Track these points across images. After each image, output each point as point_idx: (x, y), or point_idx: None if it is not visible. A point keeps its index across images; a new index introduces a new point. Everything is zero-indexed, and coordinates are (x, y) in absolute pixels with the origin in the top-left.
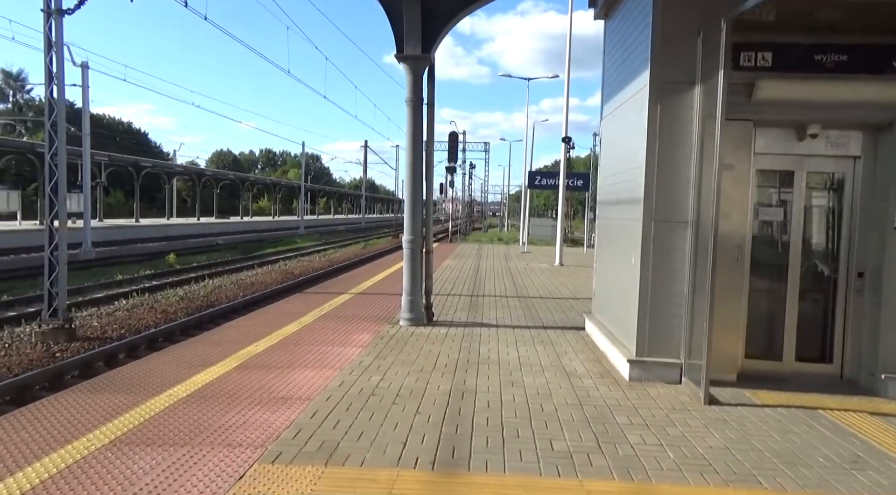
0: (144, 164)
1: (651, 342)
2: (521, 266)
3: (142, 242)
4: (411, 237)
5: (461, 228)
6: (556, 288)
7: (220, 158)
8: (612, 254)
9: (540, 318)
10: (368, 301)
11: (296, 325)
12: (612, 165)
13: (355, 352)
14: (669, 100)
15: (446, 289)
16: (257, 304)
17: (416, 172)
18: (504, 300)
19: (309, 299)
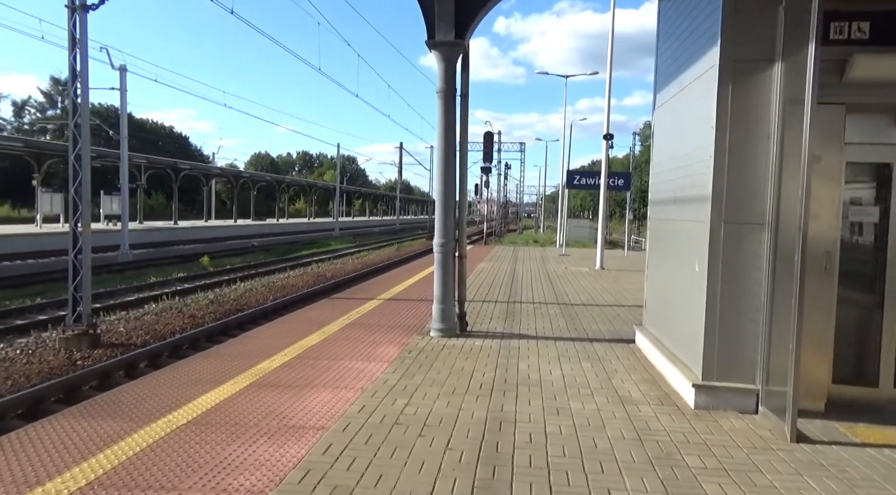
0: (183, 167)
1: (721, 364)
2: (560, 270)
3: (179, 244)
4: (443, 240)
5: (496, 230)
6: (598, 294)
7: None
8: (668, 260)
9: (584, 329)
10: (398, 308)
11: (319, 335)
12: (668, 159)
13: (380, 368)
14: (743, 81)
15: (481, 295)
16: (286, 309)
17: (449, 170)
18: (543, 307)
19: (337, 305)
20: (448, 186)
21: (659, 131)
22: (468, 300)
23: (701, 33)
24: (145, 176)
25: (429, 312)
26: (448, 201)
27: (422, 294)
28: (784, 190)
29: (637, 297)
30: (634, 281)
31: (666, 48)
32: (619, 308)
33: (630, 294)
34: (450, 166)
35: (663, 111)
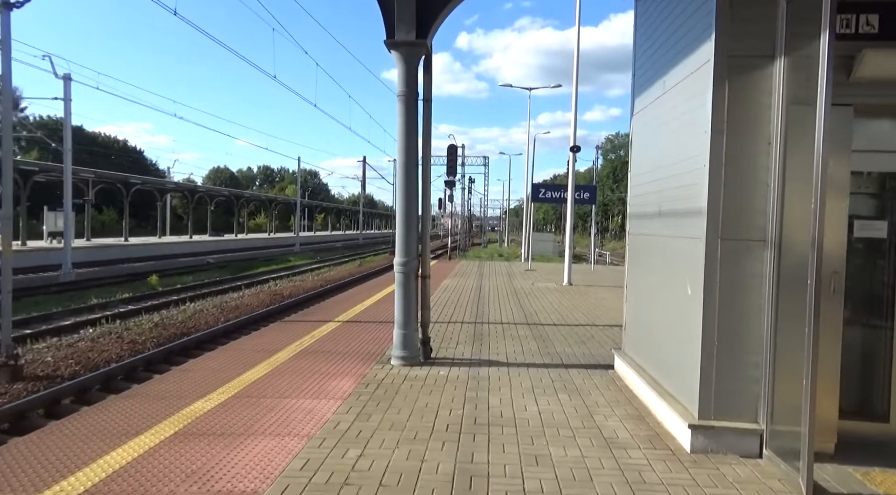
0: (134, 181)
1: (719, 400)
2: (527, 285)
3: (129, 262)
4: (405, 259)
5: (460, 244)
6: (568, 312)
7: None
8: (652, 280)
9: (557, 353)
10: (357, 331)
11: (266, 367)
12: (650, 169)
13: (332, 407)
14: (740, 79)
15: (446, 316)
16: (238, 331)
17: (410, 180)
18: (512, 328)
19: (290, 329)
20: (410, 198)
21: (639, 139)
22: (433, 321)
23: (690, 27)
24: (94, 191)
25: (390, 336)
26: (410, 214)
27: (383, 315)
28: (788, 202)
29: (609, 316)
30: (604, 297)
31: (647, 47)
32: (592, 328)
33: (601, 312)
34: (412, 176)
35: (643, 117)
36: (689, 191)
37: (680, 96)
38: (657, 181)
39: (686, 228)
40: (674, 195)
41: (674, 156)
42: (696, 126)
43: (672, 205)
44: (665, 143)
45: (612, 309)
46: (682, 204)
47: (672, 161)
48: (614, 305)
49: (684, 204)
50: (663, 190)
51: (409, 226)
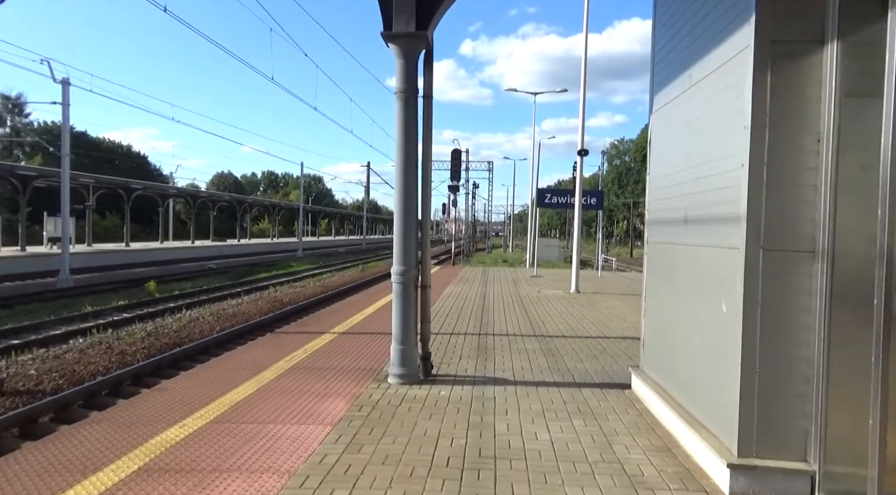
0: (135, 186)
1: (762, 435)
2: (533, 293)
3: (129, 268)
4: (403, 268)
5: (464, 249)
6: (578, 322)
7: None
8: (677, 293)
9: (568, 369)
10: (354, 344)
11: (252, 385)
12: (674, 171)
13: (320, 435)
14: (785, 67)
15: (448, 326)
16: (233, 342)
17: (409, 183)
18: (519, 340)
19: (283, 342)
20: (409, 201)
21: (659, 139)
22: (434, 332)
23: (724, 10)
24: (94, 196)
25: (388, 350)
26: (409, 219)
27: (382, 325)
28: (840, 208)
29: (621, 327)
30: (614, 306)
31: (668, 40)
32: (604, 340)
33: (612, 322)
34: (411, 178)
35: (665, 115)
36: (723, 195)
37: (711, 89)
38: (682, 184)
39: (720, 237)
40: (704, 200)
41: (704, 156)
42: (732, 121)
43: (702, 210)
44: (692, 143)
45: (624, 319)
46: (716, 209)
47: (701, 161)
48: (625, 315)
49: (718, 209)
50: (690, 194)
51: (407, 232)
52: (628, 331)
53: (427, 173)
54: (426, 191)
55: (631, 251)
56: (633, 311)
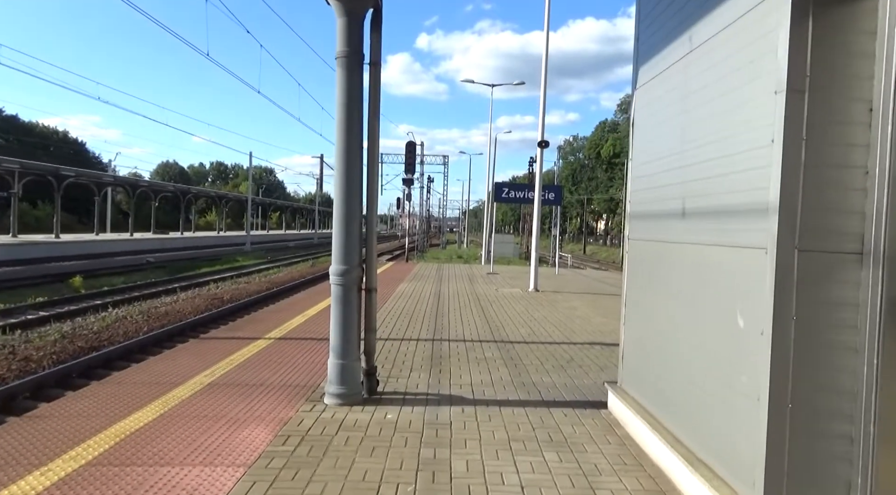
0: (66, 174)
1: (794, 485)
2: (490, 292)
3: (57, 261)
4: (343, 267)
5: (418, 245)
6: (539, 325)
7: (167, 170)
8: (671, 302)
9: (534, 383)
10: (290, 352)
11: (156, 408)
12: (665, 154)
13: (226, 484)
14: (827, 18)
15: (399, 331)
16: (159, 345)
17: (352, 167)
18: (478, 347)
19: (207, 350)
20: (351, 189)
21: (647, 117)
22: (383, 338)
23: None
24: (20, 183)
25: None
26: (351, 211)
27: (325, 330)
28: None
29: (585, 330)
30: (576, 306)
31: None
32: (570, 347)
33: (575, 325)
34: (354, 161)
35: (654, 88)
36: (742, 181)
37: (722, 50)
38: (680, 169)
39: (737, 233)
40: (712, 187)
41: (712, 133)
42: (756, 87)
43: (705, 201)
44: (692, 117)
45: (587, 321)
46: (730, 199)
47: (708, 139)
48: (588, 316)
49: (733, 199)
50: (692, 181)
51: (349, 226)
52: (595, 336)
53: (374, 156)
54: (372, 177)
55: (584, 248)
56: (595, 312)
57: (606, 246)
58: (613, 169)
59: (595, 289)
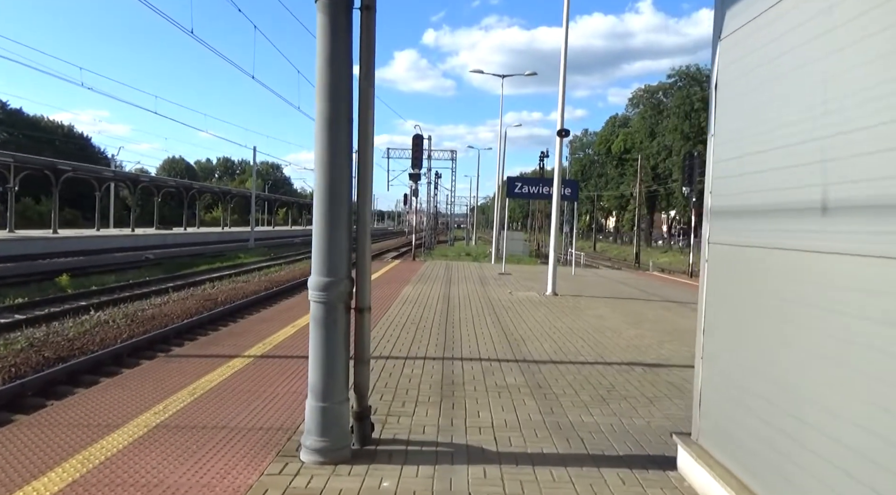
0: (63, 168)
1: None
2: (504, 296)
3: (54, 257)
4: (327, 279)
5: (426, 242)
6: (565, 338)
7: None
8: (799, 337)
9: (572, 424)
10: (271, 375)
11: (73, 468)
12: (789, 121)
13: None
14: None
15: (403, 345)
16: (135, 355)
17: (337, 149)
18: (497, 369)
19: (169, 373)
20: (337, 177)
21: (744, 71)
22: (382, 356)
23: None
24: (17, 177)
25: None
26: (336, 204)
27: None
28: None
29: (619, 345)
30: (602, 314)
31: None
32: (606, 369)
33: (606, 338)
34: (340, 139)
35: (764, 26)
36: None
37: None
38: (814, 143)
39: None
40: (883, 167)
41: (890, 80)
42: None
43: (870, 189)
44: (848, 61)
45: (618, 333)
46: None
47: (883, 91)
48: (618, 327)
49: None
50: (841, 159)
51: (334, 224)
52: (631, 353)
53: (366, 132)
54: (365, 160)
55: (594, 245)
56: (625, 321)
57: (617, 243)
58: (624, 165)
59: (619, 292)
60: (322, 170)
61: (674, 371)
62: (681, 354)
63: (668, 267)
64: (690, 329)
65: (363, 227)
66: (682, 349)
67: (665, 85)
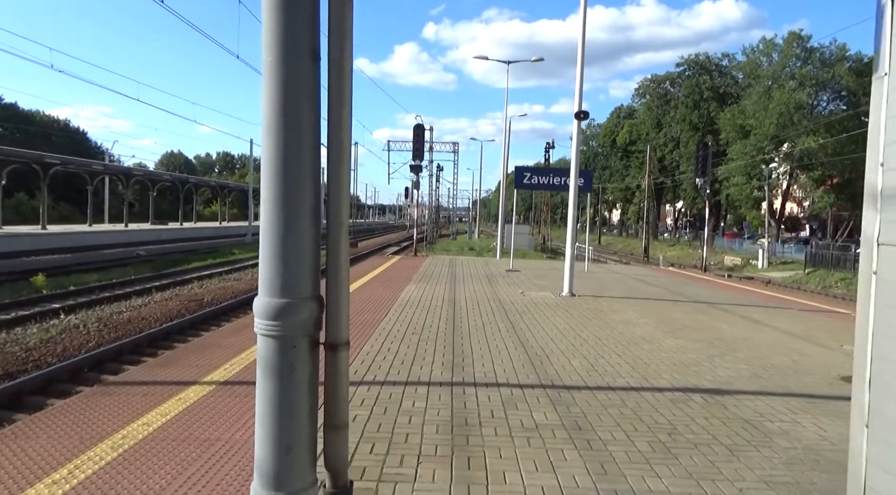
0: (51, 161)
1: None
2: (516, 296)
3: (40, 254)
4: (282, 301)
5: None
6: (596, 352)
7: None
8: None
9: (635, 493)
10: (230, 414)
11: None
12: None
13: None
14: None
15: (402, 365)
16: (100, 368)
17: (294, 105)
18: (521, 399)
19: (104, 410)
20: (295, 141)
21: None
22: (378, 381)
23: None
24: (3, 171)
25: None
26: (296, 186)
27: None
28: None
29: (662, 362)
30: (630, 319)
31: None
32: (656, 398)
33: (644, 353)
34: (303, 77)
35: None
36: None
37: None
38: None
39: None
40: None
41: None
42: None
43: None
44: None
45: (654, 343)
46: None
47: None
48: (652, 336)
49: None
50: None
51: (292, 220)
52: (681, 374)
53: (342, 89)
54: (342, 126)
55: (599, 238)
56: (660, 329)
57: (622, 236)
58: (629, 157)
59: (640, 291)
60: (273, 136)
61: (743, 402)
62: (741, 375)
63: (677, 261)
64: (738, 338)
65: (337, 222)
66: (739, 367)
67: (673, 74)
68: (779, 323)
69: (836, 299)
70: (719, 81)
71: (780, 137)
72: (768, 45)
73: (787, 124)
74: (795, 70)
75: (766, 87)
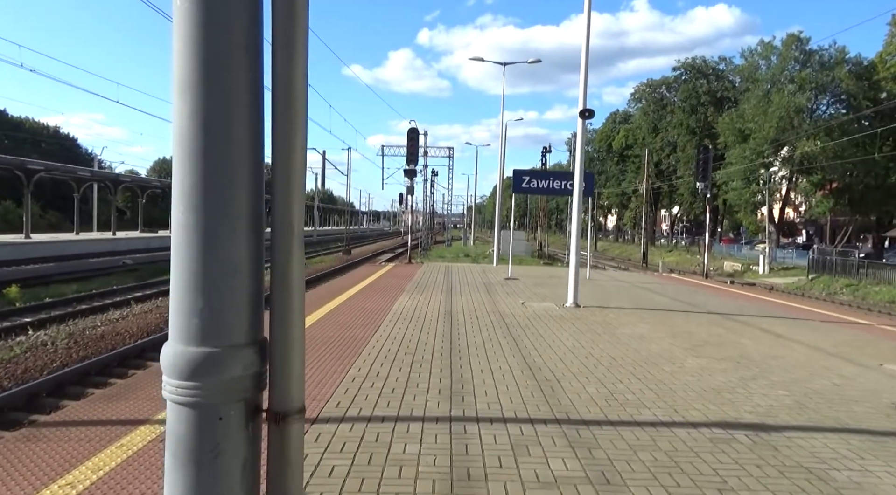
0: (34, 168)
1: None
2: (517, 308)
3: (21, 264)
4: (203, 350)
5: (422, 242)
6: (612, 375)
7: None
8: None
9: None
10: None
11: None
12: None
13: None
14: None
15: (391, 395)
16: (59, 392)
17: (223, 38)
18: (532, 441)
19: (25, 466)
20: (223, 116)
21: None
22: (361, 417)
23: None
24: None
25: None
26: (232, 178)
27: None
28: None
29: (689, 386)
30: (643, 334)
31: None
32: (692, 436)
33: (667, 375)
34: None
35: None
36: None
37: None
38: None
39: None
40: None
41: None
42: None
43: None
44: None
45: (679, 365)
46: None
47: None
48: (674, 354)
49: None
50: None
51: (219, 216)
52: (714, 404)
53: (294, 28)
54: (290, 80)
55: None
56: (678, 345)
57: (618, 242)
58: (625, 161)
59: (647, 301)
60: (191, 102)
61: (796, 441)
62: (783, 404)
63: (676, 267)
64: (766, 356)
65: (286, 227)
66: (778, 393)
67: (669, 79)
68: (803, 336)
69: (843, 306)
70: (716, 85)
71: (779, 141)
72: (767, 48)
73: (787, 128)
74: (794, 73)
75: (765, 91)
